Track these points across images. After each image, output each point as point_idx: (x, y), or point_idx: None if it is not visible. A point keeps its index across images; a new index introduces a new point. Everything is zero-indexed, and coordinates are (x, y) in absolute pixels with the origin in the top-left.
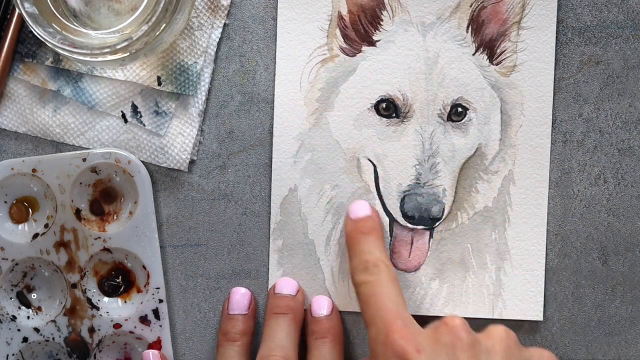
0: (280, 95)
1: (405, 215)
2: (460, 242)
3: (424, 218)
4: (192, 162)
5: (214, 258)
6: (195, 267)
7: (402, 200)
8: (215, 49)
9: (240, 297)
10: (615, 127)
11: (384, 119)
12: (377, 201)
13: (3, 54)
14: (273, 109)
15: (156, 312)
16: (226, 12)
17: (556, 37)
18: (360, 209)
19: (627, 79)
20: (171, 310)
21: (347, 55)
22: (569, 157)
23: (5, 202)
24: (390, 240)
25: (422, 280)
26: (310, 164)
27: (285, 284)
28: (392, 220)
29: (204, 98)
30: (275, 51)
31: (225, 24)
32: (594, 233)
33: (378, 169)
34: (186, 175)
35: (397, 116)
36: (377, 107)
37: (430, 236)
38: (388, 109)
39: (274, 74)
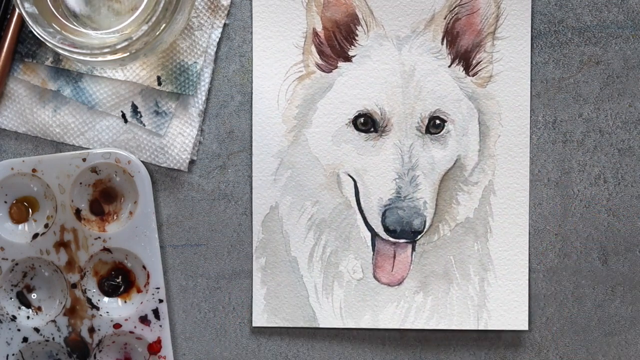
0: (258, 113)
1: (387, 230)
2: (443, 254)
3: (405, 231)
4: (192, 162)
5: (214, 258)
6: (195, 267)
7: (384, 215)
8: (215, 49)
9: None
10: (615, 127)
11: (363, 134)
12: (359, 216)
13: (3, 54)
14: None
15: (156, 312)
16: (226, 12)
17: (556, 37)
18: None
19: (627, 79)
20: (171, 310)
21: (324, 71)
22: (569, 157)
23: (5, 202)
24: (373, 254)
25: (405, 294)
26: (290, 181)
27: None
28: (374, 234)
29: (204, 98)
30: (251, 71)
31: (225, 24)
32: (594, 233)
33: (358, 184)
34: (186, 175)
35: (376, 130)
36: (355, 122)
37: (413, 249)
38: (366, 123)
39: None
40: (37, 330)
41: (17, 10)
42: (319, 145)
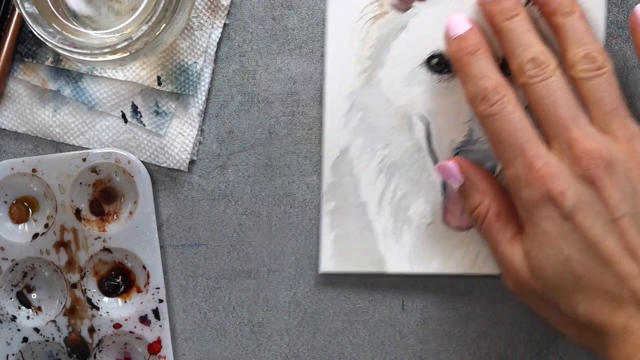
0: (332, 54)
1: None
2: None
3: None
4: (192, 162)
5: (214, 258)
6: (195, 267)
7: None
8: (215, 49)
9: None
10: None
11: (436, 75)
12: (429, 159)
13: (3, 54)
14: (272, 109)
15: (156, 312)
16: (226, 12)
17: None
18: (458, 24)
19: (627, 79)
20: (171, 310)
21: (398, 11)
22: None
23: (5, 202)
24: (443, 199)
25: (475, 239)
26: (361, 123)
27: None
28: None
29: (204, 98)
30: (326, 10)
31: (225, 24)
32: None
33: (430, 126)
34: (186, 175)
35: (449, 71)
36: (428, 63)
37: None
38: (440, 64)
39: (274, 73)
40: (37, 330)
41: (17, 10)
42: (392, 87)
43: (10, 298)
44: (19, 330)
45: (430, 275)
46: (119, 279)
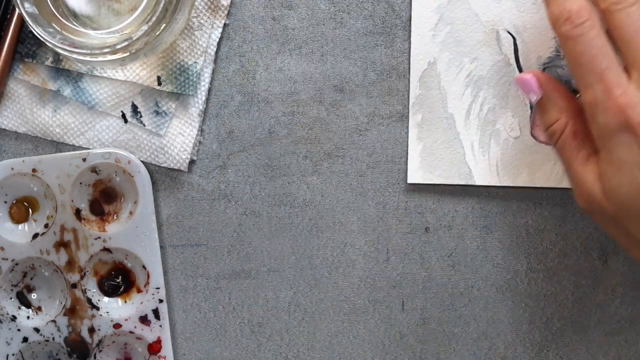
0: None
1: None
2: None
3: None
4: (192, 162)
5: (214, 258)
6: (195, 267)
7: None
8: (215, 49)
9: None
10: None
11: None
12: (517, 74)
13: (3, 54)
14: (272, 109)
15: (156, 312)
16: (226, 12)
17: None
18: None
19: None
20: (171, 310)
21: None
22: None
23: (5, 202)
24: (531, 112)
25: None
26: (449, 37)
27: None
28: None
29: (204, 98)
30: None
31: (225, 24)
32: (594, 233)
33: (517, 42)
34: (186, 175)
35: None
36: None
37: None
38: None
39: (273, 73)
40: (37, 330)
41: (17, 10)
42: (479, 1)
43: (10, 298)
44: (19, 330)
45: (432, 277)
46: (119, 279)
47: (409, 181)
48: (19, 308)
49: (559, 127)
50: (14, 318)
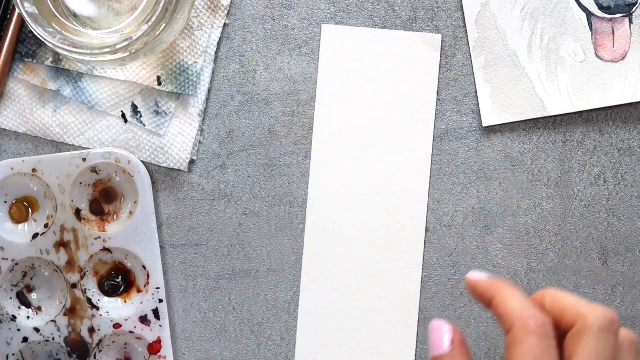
0: None
1: (601, 7)
2: None
3: (620, 6)
4: (192, 162)
5: (214, 258)
6: (195, 267)
7: None
8: (215, 49)
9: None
10: (615, 127)
11: None
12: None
13: (3, 54)
14: (272, 109)
15: (156, 312)
16: (226, 12)
17: None
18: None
19: None
20: (171, 310)
21: None
22: (569, 157)
23: (5, 202)
24: (592, 34)
25: (631, 67)
26: None
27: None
28: (589, 14)
29: (204, 98)
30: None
31: (225, 24)
32: (594, 233)
33: None
34: (186, 175)
35: None
36: None
37: (630, 22)
38: None
39: (274, 71)
40: (37, 330)
41: (17, 10)
42: None
43: (10, 298)
44: (19, 330)
45: (432, 277)
46: (119, 279)
47: (484, 124)
48: (19, 308)
49: None
50: (14, 318)
